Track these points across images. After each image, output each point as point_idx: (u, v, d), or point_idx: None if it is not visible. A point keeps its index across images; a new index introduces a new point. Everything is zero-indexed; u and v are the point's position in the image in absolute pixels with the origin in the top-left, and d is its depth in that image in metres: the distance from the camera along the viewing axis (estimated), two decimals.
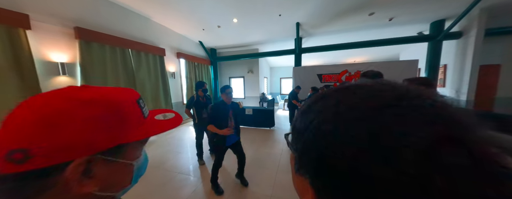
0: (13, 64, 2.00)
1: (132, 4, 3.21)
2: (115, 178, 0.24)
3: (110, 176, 0.23)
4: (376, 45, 4.27)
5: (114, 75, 3.08)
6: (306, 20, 3.96)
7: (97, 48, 2.83)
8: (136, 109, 0.25)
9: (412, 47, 5.70)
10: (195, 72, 5.38)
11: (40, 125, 0.18)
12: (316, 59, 7.86)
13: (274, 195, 1.71)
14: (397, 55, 6.98)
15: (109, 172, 0.23)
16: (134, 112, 0.25)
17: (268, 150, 2.89)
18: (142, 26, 3.69)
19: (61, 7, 2.46)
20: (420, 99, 0.13)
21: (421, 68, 4.58)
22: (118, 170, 0.24)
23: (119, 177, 0.25)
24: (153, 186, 1.91)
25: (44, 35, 2.29)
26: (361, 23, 4.09)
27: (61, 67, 2.43)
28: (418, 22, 4.03)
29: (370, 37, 4.48)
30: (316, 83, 4.69)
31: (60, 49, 2.45)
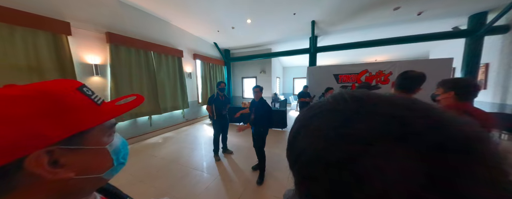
0: (57, 66, 2.30)
1: (155, 9, 3.45)
2: (90, 162, 0.26)
3: (83, 161, 0.25)
4: (403, 42, 3.87)
5: (138, 75, 3.35)
6: (322, 18, 3.81)
7: (124, 51, 3.11)
8: (80, 96, 0.25)
9: (444, 44, 5.10)
10: (210, 73, 5.57)
11: None
12: (332, 59, 7.52)
13: None
14: (427, 53, 6.31)
15: (82, 159, 0.24)
16: (78, 99, 0.25)
17: (280, 152, 2.85)
18: (163, 30, 3.94)
19: (96, 15, 2.76)
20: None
21: (456, 67, 4.07)
22: (91, 155, 0.26)
23: (95, 161, 0.26)
24: (172, 180, 2.02)
25: (81, 40, 2.60)
26: (384, 19, 3.79)
27: (94, 68, 2.72)
28: (453, 16, 3.58)
29: (395, 33, 4.12)
30: (332, 84, 4.47)
31: (94, 52, 2.75)
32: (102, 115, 0.26)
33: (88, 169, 0.25)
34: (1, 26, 1.88)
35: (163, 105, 3.87)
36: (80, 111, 0.24)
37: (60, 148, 0.22)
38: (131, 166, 2.33)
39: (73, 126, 0.23)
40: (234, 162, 2.47)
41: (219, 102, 2.54)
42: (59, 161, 0.22)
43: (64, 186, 0.23)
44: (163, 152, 2.87)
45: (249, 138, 3.66)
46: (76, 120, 0.23)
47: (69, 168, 0.23)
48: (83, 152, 0.25)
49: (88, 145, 0.25)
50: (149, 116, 3.60)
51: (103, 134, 0.28)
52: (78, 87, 0.26)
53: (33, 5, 2.13)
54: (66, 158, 0.23)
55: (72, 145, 0.23)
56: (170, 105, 4.07)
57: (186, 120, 4.71)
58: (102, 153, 0.27)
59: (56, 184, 0.22)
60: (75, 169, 0.23)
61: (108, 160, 0.28)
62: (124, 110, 0.29)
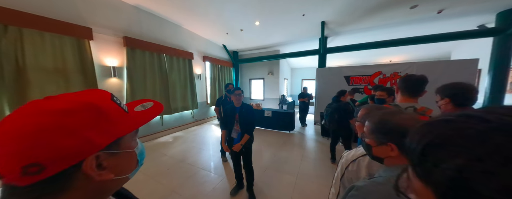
0: (80, 68, 2.49)
1: (168, 14, 3.61)
2: (124, 164, 0.30)
3: (120, 164, 0.28)
4: (421, 42, 3.64)
5: (152, 77, 3.51)
6: (332, 19, 3.72)
7: (139, 54, 3.28)
8: (113, 106, 0.28)
9: (468, 44, 4.72)
10: (218, 74, 5.67)
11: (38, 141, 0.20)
12: (343, 60, 7.29)
13: None
14: (448, 53, 5.88)
15: (118, 161, 0.28)
16: (113, 108, 0.28)
17: (287, 154, 2.81)
18: (175, 33, 4.11)
19: (115, 20, 2.95)
20: None
21: (483, 68, 3.74)
22: (125, 158, 0.30)
23: (127, 163, 0.30)
24: (181, 178, 2.08)
25: (101, 44, 2.79)
26: (399, 18, 3.61)
27: (112, 71, 2.90)
28: (479, 13, 3.31)
29: (412, 33, 3.90)
30: (342, 86, 4.33)
31: (112, 55, 2.94)
32: (133, 122, 0.29)
33: (122, 170, 0.29)
34: (33, 33, 2.08)
35: (174, 105, 4.01)
36: (116, 119, 0.27)
37: (104, 153, 0.25)
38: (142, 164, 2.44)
39: (113, 133, 0.26)
40: None
41: (227, 103, 2.55)
42: (103, 164, 0.25)
43: (103, 186, 0.27)
44: (173, 151, 2.96)
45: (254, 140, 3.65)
46: (114, 128, 0.26)
47: (110, 170, 0.26)
48: (119, 155, 0.28)
49: (123, 149, 0.29)
50: (161, 116, 3.74)
51: (132, 138, 0.31)
52: (111, 97, 0.29)
53: (60, 12, 2.34)
54: (107, 161, 0.26)
55: (112, 150, 0.27)
56: (180, 105, 4.20)
57: (195, 120, 4.83)
58: (131, 156, 0.31)
59: (99, 184, 0.26)
60: (114, 170, 0.27)
61: (135, 161, 0.32)
62: (148, 119, 0.32)
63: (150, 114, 0.33)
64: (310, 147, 3.18)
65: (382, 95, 1.73)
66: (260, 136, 3.78)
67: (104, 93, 0.29)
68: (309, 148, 3.13)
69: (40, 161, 0.20)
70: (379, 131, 0.47)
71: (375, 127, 0.48)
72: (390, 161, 0.46)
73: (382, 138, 0.46)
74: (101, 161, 0.25)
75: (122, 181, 0.30)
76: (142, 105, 0.34)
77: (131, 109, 0.32)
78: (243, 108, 1.62)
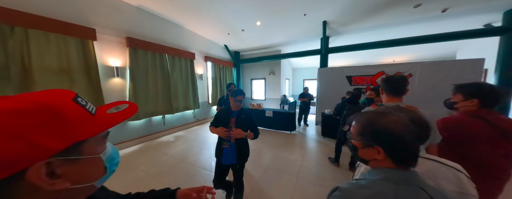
0: (84, 68, 2.53)
1: (170, 14, 3.65)
2: (85, 171, 0.26)
3: (79, 171, 0.25)
4: (426, 42, 3.58)
5: (154, 77, 3.54)
6: (334, 18, 3.70)
7: (142, 54, 3.32)
8: (75, 107, 0.25)
9: (474, 43, 4.63)
10: (220, 74, 5.70)
11: None
12: (344, 60, 7.24)
13: None
14: (453, 53, 5.78)
15: (77, 168, 0.25)
16: (74, 110, 0.25)
17: (288, 155, 2.80)
18: (177, 34, 4.14)
19: (118, 21, 2.99)
20: None
21: (489, 68, 3.66)
22: (86, 165, 0.26)
23: (90, 170, 0.27)
24: (182, 178, 2.10)
25: (104, 45, 2.83)
26: (403, 18, 3.56)
27: (115, 71, 2.94)
28: (485, 12, 3.24)
29: (415, 32, 3.84)
30: (344, 86, 4.30)
31: (115, 56, 2.98)
32: (97, 125, 0.26)
33: (82, 178, 0.26)
34: (38, 34, 2.13)
35: (176, 105, 4.04)
36: (76, 122, 0.24)
37: (58, 159, 0.22)
38: (144, 163, 2.47)
39: (71, 137, 0.23)
40: None
41: (228, 104, 2.58)
42: (56, 172, 0.22)
43: (59, 196, 0.24)
44: (174, 150, 2.99)
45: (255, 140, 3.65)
46: (73, 131, 0.23)
47: (65, 178, 0.23)
48: (78, 162, 0.25)
49: (84, 155, 0.25)
50: (163, 115, 3.78)
51: (98, 143, 0.28)
52: (73, 98, 0.26)
53: (65, 14, 2.38)
54: (62, 168, 0.23)
55: (69, 156, 0.23)
56: (182, 105, 4.24)
57: (197, 120, 4.86)
58: (96, 162, 0.28)
59: (52, 194, 0.23)
60: (71, 179, 0.24)
61: (101, 168, 0.29)
62: (118, 121, 0.29)
63: (121, 116, 0.30)
64: (311, 147, 3.17)
65: (371, 95, 1.73)
66: (261, 136, 3.77)
67: (66, 93, 0.26)
68: (310, 148, 3.11)
69: None
70: (366, 133, 0.45)
71: (362, 129, 0.46)
72: (375, 163, 0.45)
73: (369, 140, 0.45)
74: (54, 168, 0.22)
75: (85, 189, 0.27)
76: (116, 108, 0.32)
77: (103, 111, 0.30)
78: (243, 114, 1.37)
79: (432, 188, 0.39)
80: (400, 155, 0.41)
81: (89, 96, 2.58)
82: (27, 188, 0.21)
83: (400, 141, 0.40)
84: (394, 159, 0.42)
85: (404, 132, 0.39)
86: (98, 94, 2.66)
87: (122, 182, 1.98)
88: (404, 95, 1.03)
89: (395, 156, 0.42)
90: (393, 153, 0.41)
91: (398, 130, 0.40)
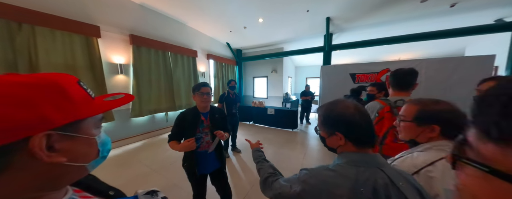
0: (89, 65, 2.58)
1: (173, 12, 3.66)
2: (80, 150, 0.27)
3: (75, 149, 0.26)
4: (433, 38, 3.46)
5: (157, 74, 3.58)
6: (338, 14, 3.63)
7: (145, 51, 3.36)
8: (78, 88, 0.28)
9: (484, 40, 4.47)
10: (222, 72, 5.71)
11: None
12: (348, 58, 7.13)
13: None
14: (461, 50, 5.59)
15: (74, 146, 0.26)
16: (77, 91, 0.27)
17: (289, 152, 2.79)
18: (179, 31, 4.16)
19: (121, 19, 3.02)
20: None
21: (500, 65, 3.53)
22: (82, 144, 0.27)
23: (84, 150, 0.28)
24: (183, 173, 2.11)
25: (108, 42, 2.87)
26: (409, 13, 3.46)
27: (119, 68, 2.99)
28: (496, 6, 3.12)
29: (422, 28, 3.73)
30: (347, 84, 4.23)
31: (119, 53, 3.02)
32: (96, 107, 0.29)
33: (77, 157, 0.27)
34: (45, 31, 2.17)
35: (179, 102, 4.08)
36: (78, 101, 0.26)
37: (58, 133, 0.24)
38: (147, 158, 2.51)
39: (72, 114, 0.25)
40: (243, 161, 2.49)
41: (230, 100, 2.59)
42: (54, 146, 0.23)
43: (53, 171, 0.24)
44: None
45: (256, 138, 3.65)
46: (74, 109, 0.25)
47: (62, 153, 0.24)
48: (75, 139, 0.26)
49: (80, 133, 0.27)
50: (166, 112, 3.82)
51: (94, 126, 0.30)
52: (77, 81, 0.29)
53: (70, 11, 2.42)
54: (60, 144, 0.24)
55: (67, 132, 0.25)
56: (184, 102, 4.27)
57: None
58: (91, 143, 0.29)
59: (47, 168, 0.23)
60: (67, 155, 0.25)
61: (95, 150, 0.30)
62: (114, 106, 0.31)
63: (118, 102, 0.32)
64: (313, 145, 3.15)
65: (372, 91, 1.69)
66: (263, 134, 3.78)
67: (71, 76, 0.28)
68: (311, 146, 3.09)
69: None
70: (327, 122, 0.51)
71: (323, 119, 0.52)
72: (340, 149, 0.50)
73: (330, 128, 0.50)
74: (53, 142, 0.23)
75: (78, 170, 0.28)
76: (113, 97, 0.34)
77: (100, 99, 0.32)
78: (216, 113, 1.19)
79: (390, 168, 0.43)
80: (356, 135, 0.46)
81: (94, 93, 2.63)
82: (26, 157, 0.22)
83: (352, 123, 0.46)
84: (353, 142, 0.47)
85: (354, 115, 0.46)
86: (102, 91, 2.71)
87: (127, 176, 2.02)
88: (413, 89, 0.98)
89: (352, 137, 0.46)
90: (350, 135, 0.46)
91: (348, 114, 0.46)
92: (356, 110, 0.47)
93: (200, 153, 1.13)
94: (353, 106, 0.48)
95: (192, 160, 1.11)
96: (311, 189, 0.42)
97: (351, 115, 0.46)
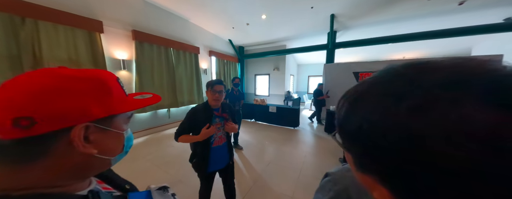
0: (91, 60, 2.58)
1: (175, 8, 3.62)
2: (110, 144, 0.29)
3: (105, 142, 0.28)
4: (440, 37, 3.41)
5: (159, 70, 3.58)
6: (342, 11, 3.57)
7: (147, 47, 3.34)
8: (117, 85, 0.30)
9: (492, 39, 4.38)
10: (224, 69, 5.69)
11: (39, 97, 0.21)
12: (351, 56, 7.05)
13: (294, 197, 1.65)
14: (468, 49, 5.50)
15: (104, 138, 0.27)
16: (117, 88, 0.29)
17: (291, 150, 2.80)
18: (182, 27, 4.12)
19: (124, 14, 3.00)
20: None
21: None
22: (112, 138, 0.29)
23: (113, 144, 0.30)
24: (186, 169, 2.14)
25: (111, 37, 2.86)
26: (416, 11, 3.39)
27: (122, 63, 2.98)
28: (506, 4, 3.04)
29: (428, 27, 3.66)
30: (351, 82, 4.20)
31: (121, 48, 3.01)
32: (129, 104, 0.31)
33: (107, 150, 0.28)
34: (48, 25, 2.16)
35: (181, 98, 4.09)
36: (116, 97, 0.28)
37: (95, 125, 0.25)
38: (150, 154, 2.53)
39: (109, 109, 0.27)
40: (245, 157, 2.51)
41: (233, 97, 2.60)
42: (89, 137, 0.25)
43: (83, 161, 0.26)
44: (179, 143, 3.04)
45: (258, 135, 3.67)
46: (112, 104, 0.27)
47: (94, 145, 0.26)
48: (107, 133, 0.28)
49: (113, 128, 0.28)
50: (168, 108, 3.84)
51: (124, 122, 0.31)
52: (117, 79, 0.31)
53: (72, 6, 2.41)
54: (94, 135, 0.26)
55: (102, 125, 0.27)
56: (187, 99, 4.28)
57: None
58: (119, 138, 0.31)
59: (79, 158, 0.25)
60: (98, 147, 0.26)
61: (121, 145, 0.31)
62: (145, 104, 0.33)
63: (147, 101, 0.34)
64: (315, 143, 3.15)
65: None
66: (264, 131, 3.79)
67: (111, 73, 0.31)
68: (313, 144, 3.10)
69: (34, 116, 0.20)
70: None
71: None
72: None
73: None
74: (88, 134, 0.25)
75: (104, 162, 0.29)
76: (142, 96, 0.36)
77: (130, 97, 0.34)
78: (226, 108, 1.19)
79: None
80: None
81: None
82: (64, 146, 0.23)
83: None
84: None
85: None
86: None
87: (129, 171, 2.04)
88: None
89: None
90: None
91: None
92: None
93: (213, 149, 1.12)
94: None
95: (205, 157, 1.09)
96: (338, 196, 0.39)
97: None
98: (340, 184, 0.40)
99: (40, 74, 0.23)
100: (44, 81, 0.22)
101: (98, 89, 0.26)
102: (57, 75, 0.23)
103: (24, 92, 0.21)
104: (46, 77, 0.22)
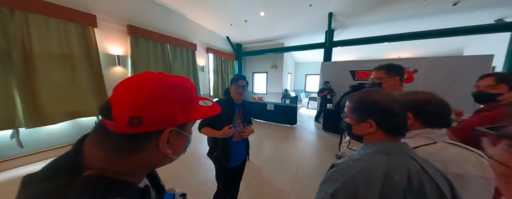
0: (85, 55, 2.50)
1: (172, 3, 3.54)
2: (180, 146, 0.32)
3: (178, 143, 0.31)
4: (434, 37, 3.50)
5: (155, 67, 3.51)
6: (340, 10, 3.58)
7: (143, 43, 3.27)
8: (196, 94, 0.33)
9: (483, 39, 4.52)
10: (221, 67, 5.64)
11: (148, 102, 0.24)
12: (348, 55, 7.12)
13: (293, 192, 1.68)
14: (460, 49, 5.66)
15: (178, 142, 0.31)
16: (195, 96, 0.32)
17: (289, 147, 2.84)
18: (179, 23, 4.04)
19: (118, 8, 2.91)
20: None
21: (497, 66, 3.60)
22: (183, 141, 0.33)
23: (181, 146, 0.33)
24: (187, 167, 2.14)
25: (105, 32, 2.77)
26: (411, 11, 3.45)
27: (117, 59, 2.91)
28: (498, 6, 3.13)
29: (423, 26, 3.74)
30: (348, 81, 4.26)
31: (116, 44, 2.93)
32: (201, 112, 0.33)
33: (177, 151, 0.32)
34: (38, 18, 2.07)
35: None
36: (195, 105, 0.32)
37: (176, 129, 0.29)
38: None
39: (189, 116, 0.30)
40: None
41: None
42: (169, 139, 0.28)
43: (159, 159, 0.29)
44: None
45: (256, 133, 3.68)
46: (191, 112, 0.31)
47: (172, 146, 0.29)
48: (181, 137, 0.31)
49: (185, 132, 0.32)
50: None
51: (191, 126, 0.35)
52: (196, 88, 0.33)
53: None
54: (173, 138, 0.29)
55: (181, 130, 0.30)
56: None
57: None
58: (186, 140, 0.34)
59: (158, 156, 0.29)
60: (173, 148, 0.30)
61: (185, 146, 0.35)
62: (211, 114, 0.35)
63: (211, 111, 0.36)
64: (312, 141, 3.20)
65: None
66: (262, 129, 3.81)
67: (191, 81, 0.33)
68: (311, 141, 3.15)
69: (142, 117, 0.24)
70: (359, 109, 0.51)
71: (355, 106, 0.52)
72: (369, 138, 0.50)
73: (362, 115, 0.50)
74: (170, 136, 0.28)
75: (169, 160, 0.32)
76: (203, 101, 0.38)
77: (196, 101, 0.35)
78: (246, 105, 1.25)
79: (421, 158, 0.44)
80: (390, 124, 0.46)
81: (91, 85, 2.57)
82: (153, 145, 0.27)
83: (388, 111, 0.46)
84: (385, 130, 0.47)
85: (391, 103, 0.46)
86: (99, 83, 2.65)
87: None
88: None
89: (386, 126, 0.47)
90: (384, 123, 0.47)
91: (385, 102, 0.47)
92: (392, 99, 0.47)
93: (233, 144, 1.13)
94: (389, 95, 0.48)
95: (226, 150, 1.09)
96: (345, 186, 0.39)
97: (387, 103, 0.46)
98: (346, 174, 0.41)
99: (149, 80, 0.26)
100: (154, 87, 0.25)
101: (186, 97, 0.29)
102: (163, 84, 0.27)
103: (140, 96, 0.24)
104: (155, 84, 0.26)
